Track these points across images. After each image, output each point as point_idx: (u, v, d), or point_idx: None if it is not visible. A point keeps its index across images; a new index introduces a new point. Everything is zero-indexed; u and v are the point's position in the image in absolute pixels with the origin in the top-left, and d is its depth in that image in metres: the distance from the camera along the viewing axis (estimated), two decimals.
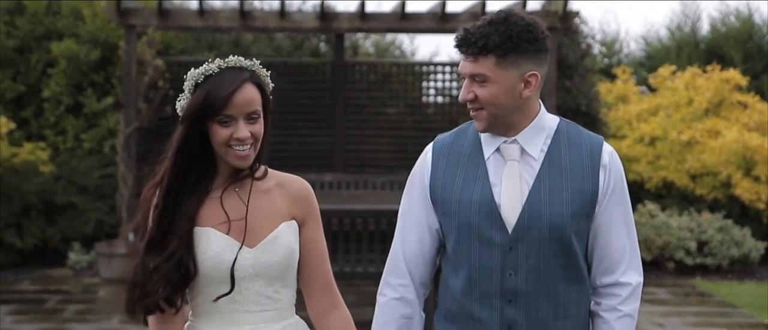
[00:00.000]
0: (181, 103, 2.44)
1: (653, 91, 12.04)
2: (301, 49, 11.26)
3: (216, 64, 2.42)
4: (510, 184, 2.58)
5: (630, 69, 12.52)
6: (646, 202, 10.24)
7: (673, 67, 11.87)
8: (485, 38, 2.51)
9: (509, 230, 2.56)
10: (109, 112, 9.95)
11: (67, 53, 9.93)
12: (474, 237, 2.59)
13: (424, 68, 11.11)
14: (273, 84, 2.51)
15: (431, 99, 11.07)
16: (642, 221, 9.70)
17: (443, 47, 15.92)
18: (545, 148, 2.61)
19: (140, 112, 9.35)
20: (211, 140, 2.42)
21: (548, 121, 2.65)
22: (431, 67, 11.06)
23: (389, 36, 12.77)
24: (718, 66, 11.50)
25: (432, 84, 10.97)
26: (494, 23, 2.53)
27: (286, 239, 2.48)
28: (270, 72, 2.51)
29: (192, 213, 2.43)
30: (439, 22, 9.31)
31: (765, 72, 12.42)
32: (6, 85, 10.12)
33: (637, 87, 12.32)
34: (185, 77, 2.45)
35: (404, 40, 13.25)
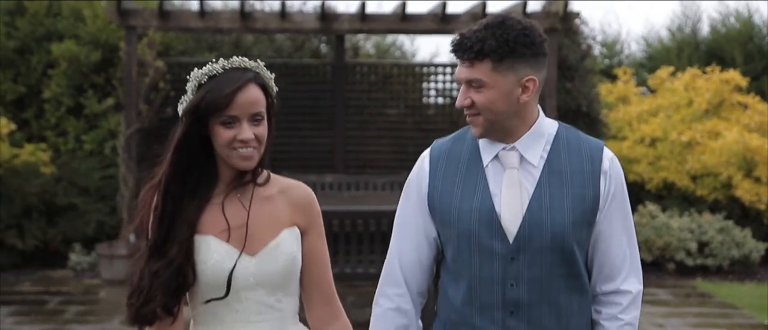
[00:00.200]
0: (184, 105, 2.39)
1: (653, 91, 12.04)
2: (302, 51, 11.26)
3: (220, 64, 2.37)
4: (510, 192, 2.53)
5: (631, 70, 12.52)
6: (646, 203, 10.24)
7: (671, 68, 11.86)
8: (481, 43, 2.47)
9: (510, 240, 2.52)
10: (110, 114, 9.95)
11: (67, 54, 9.93)
12: (474, 247, 2.54)
13: (425, 69, 11.12)
14: (276, 87, 2.45)
15: (432, 100, 11.09)
16: (643, 222, 9.70)
17: (444, 48, 15.88)
18: (545, 154, 2.57)
19: (141, 113, 9.36)
20: (214, 143, 2.37)
21: (547, 126, 2.60)
22: (432, 68, 11.06)
23: (390, 37, 12.77)
24: (718, 67, 11.51)
25: (432, 85, 10.98)
26: (490, 27, 2.48)
27: (287, 247, 2.43)
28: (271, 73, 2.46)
29: (193, 220, 2.38)
30: (440, 23, 9.31)
31: (765, 73, 12.42)
32: (7, 87, 10.12)
33: (638, 88, 12.32)
34: (187, 78, 2.39)
35: (405, 41, 13.26)
